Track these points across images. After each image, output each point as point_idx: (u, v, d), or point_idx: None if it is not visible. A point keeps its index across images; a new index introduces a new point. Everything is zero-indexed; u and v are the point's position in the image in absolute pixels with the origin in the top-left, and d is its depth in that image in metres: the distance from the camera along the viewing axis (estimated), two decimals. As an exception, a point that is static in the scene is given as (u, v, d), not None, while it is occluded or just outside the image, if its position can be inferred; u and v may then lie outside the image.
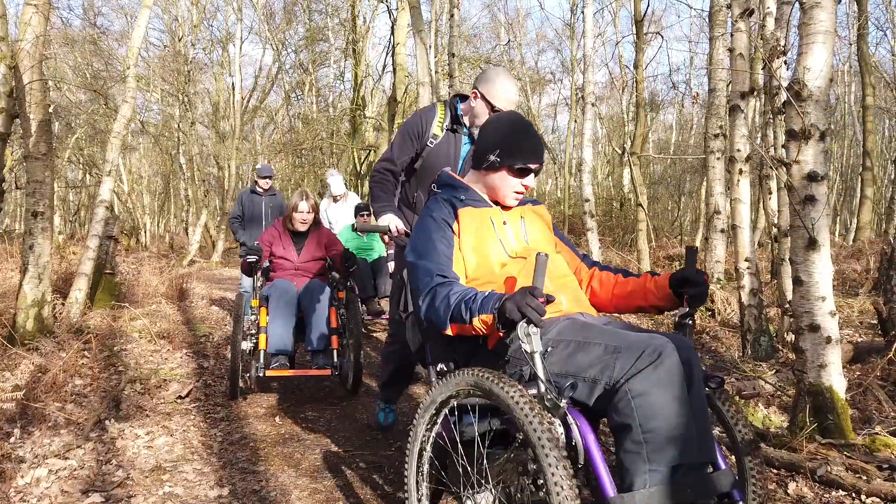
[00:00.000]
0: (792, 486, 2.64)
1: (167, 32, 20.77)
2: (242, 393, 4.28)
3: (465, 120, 3.17)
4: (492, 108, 2.98)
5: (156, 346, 5.49)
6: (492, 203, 2.23)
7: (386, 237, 6.07)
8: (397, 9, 15.16)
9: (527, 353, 1.68)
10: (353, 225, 6.97)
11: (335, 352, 4.27)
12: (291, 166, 22.59)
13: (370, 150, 17.69)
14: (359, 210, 6.93)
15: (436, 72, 13.62)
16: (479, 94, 3.03)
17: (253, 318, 4.39)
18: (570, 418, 1.66)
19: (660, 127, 26.61)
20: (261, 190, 7.14)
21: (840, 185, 20.98)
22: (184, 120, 19.05)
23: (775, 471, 2.81)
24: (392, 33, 15.98)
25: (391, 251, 6.39)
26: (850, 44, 17.32)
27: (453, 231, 2.11)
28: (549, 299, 1.74)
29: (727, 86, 6.28)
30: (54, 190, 5.50)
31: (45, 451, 3.09)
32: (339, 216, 7.46)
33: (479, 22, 32.29)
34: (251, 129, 24.43)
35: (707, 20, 7.38)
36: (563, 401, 1.65)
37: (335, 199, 7.58)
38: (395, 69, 15.59)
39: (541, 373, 1.68)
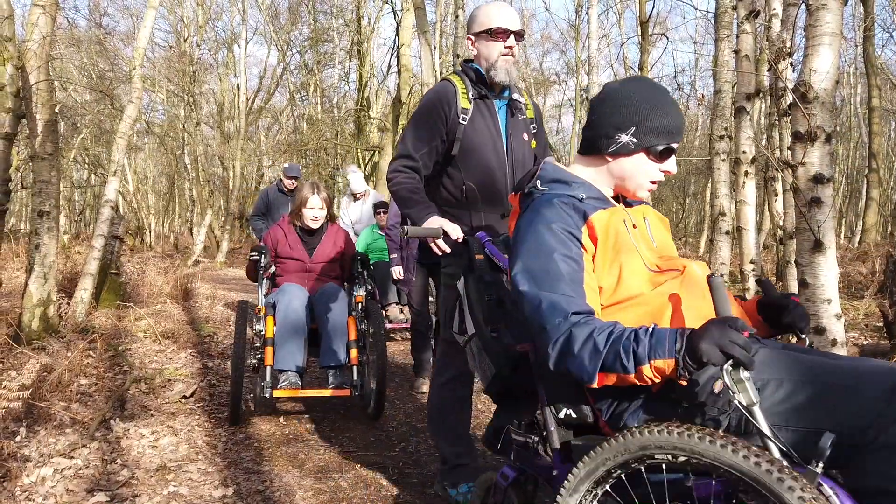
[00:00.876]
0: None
1: (173, 33, 20.89)
2: (247, 414, 3.81)
3: (491, 76, 2.62)
4: (495, 34, 2.55)
5: (160, 345, 5.50)
6: (613, 200, 1.76)
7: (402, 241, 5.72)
8: (402, 10, 15.16)
9: (741, 405, 1.27)
10: (374, 226, 6.58)
11: (354, 369, 3.73)
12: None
13: (374, 151, 17.70)
14: (377, 208, 6.49)
15: (440, 73, 13.63)
16: (472, 37, 2.62)
17: (258, 328, 3.78)
18: (825, 488, 1.22)
19: (664, 128, 26.53)
20: (286, 189, 6.77)
21: (846, 187, 20.93)
22: (189, 120, 19.10)
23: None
24: (397, 34, 15.99)
25: (394, 255, 5.96)
26: (857, 45, 17.29)
27: (583, 246, 1.61)
28: (752, 334, 1.36)
29: (732, 87, 6.28)
30: (60, 190, 5.52)
31: (50, 450, 3.10)
32: (360, 215, 7.04)
33: (483, 23, 32.30)
34: (256, 130, 24.47)
35: (712, 21, 7.37)
36: (819, 464, 1.20)
37: (356, 198, 7.10)
38: (399, 70, 15.60)
39: (767, 430, 1.27)
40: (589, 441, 1.53)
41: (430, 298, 4.51)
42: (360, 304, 3.99)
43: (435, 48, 13.37)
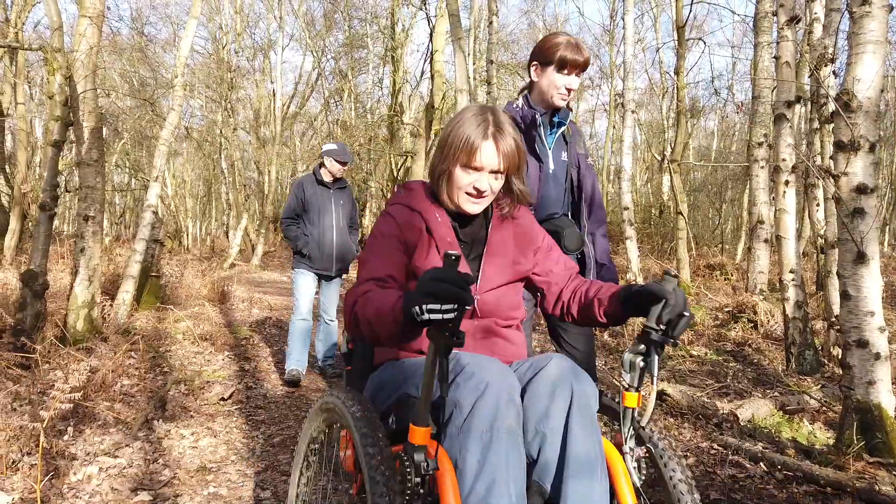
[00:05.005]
0: (838, 506, 2.58)
1: (211, 40, 21.28)
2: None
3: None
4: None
5: (199, 347, 5.62)
6: None
7: None
8: (436, 16, 15.26)
9: None
10: None
11: None
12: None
13: (407, 156, 17.81)
14: None
15: (473, 78, 13.66)
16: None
17: None
18: None
19: (700, 133, 26.22)
20: (331, 178, 5.08)
21: (889, 193, 20.37)
22: (226, 126, 19.46)
23: (820, 489, 2.76)
24: (430, 40, 16.08)
25: None
26: (901, 49, 16.82)
27: None
28: None
29: (772, 92, 6.18)
30: (105, 195, 5.68)
31: (95, 448, 3.19)
32: None
33: (517, 28, 32.26)
34: (291, 135, 24.81)
35: (751, 26, 7.27)
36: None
37: None
38: (433, 76, 15.69)
39: None
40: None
41: None
42: None
43: (469, 54, 13.41)
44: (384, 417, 1.76)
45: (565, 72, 2.43)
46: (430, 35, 15.91)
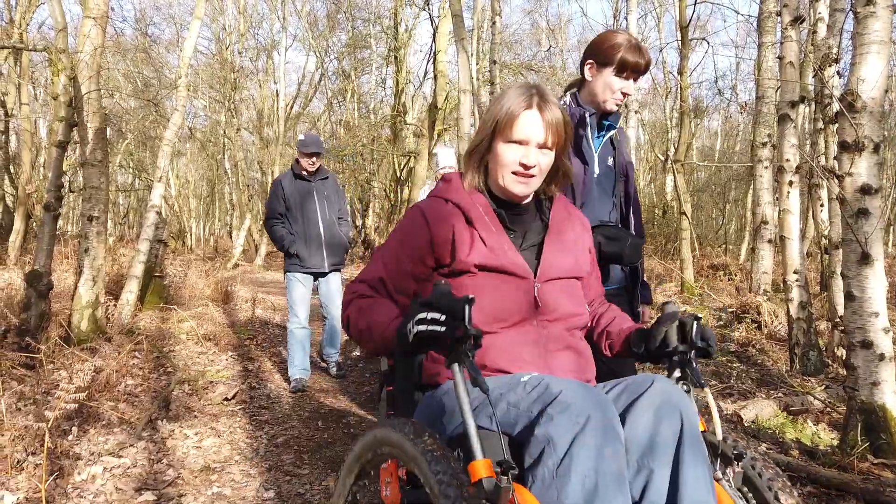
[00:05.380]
0: (842, 507, 2.58)
1: (215, 41, 21.33)
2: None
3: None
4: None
5: (202, 347, 5.63)
6: None
7: None
8: (439, 16, 15.27)
9: None
10: None
11: None
12: (332, 172, 22.90)
13: (410, 157, 17.82)
14: None
15: (477, 79, 13.67)
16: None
17: None
18: None
19: (704, 133, 26.19)
20: (306, 172, 4.85)
21: (894, 194, 20.31)
22: (230, 126, 19.50)
23: (824, 490, 2.75)
24: (433, 40, 16.09)
25: None
26: (905, 48, 16.77)
27: None
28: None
29: (776, 92, 6.16)
30: (109, 195, 5.69)
31: (99, 448, 3.20)
32: None
33: (520, 28, 32.24)
34: (294, 136, 24.86)
35: (755, 26, 7.26)
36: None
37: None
38: (436, 76, 15.70)
39: None
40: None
41: None
42: None
43: (472, 55, 13.41)
44: None
45: (624, 75, 2.24)
46: (434, 35, 15.92)
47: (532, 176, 1.60)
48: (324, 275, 4.86)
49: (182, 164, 24.79)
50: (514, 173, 1.60)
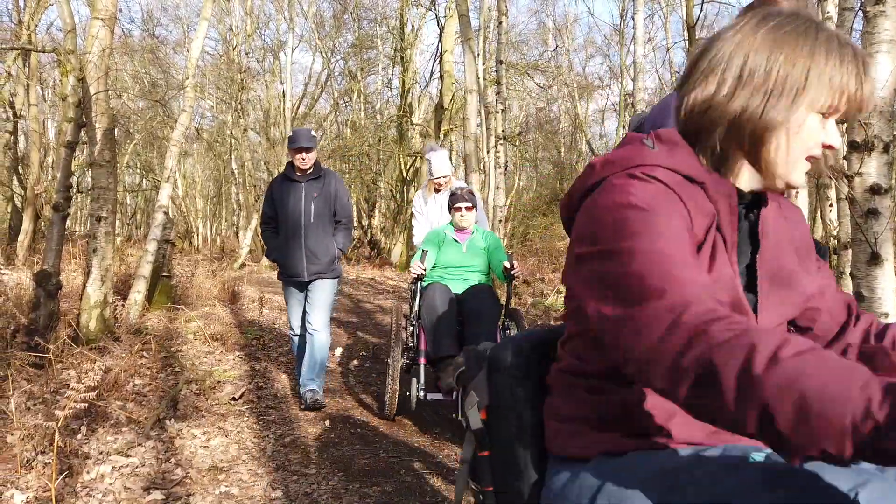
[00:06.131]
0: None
1: (222, 42, 21.40)
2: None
3: None
4: None
5: (210, 347, 5.65)
6: None
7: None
8: (445, 17, 15.28)
9: None
10: (448, 225, 4.34)
11: None
12: (339, 172, 22.94)
13: (416, 157, 17.84)
14: (454, 201, 4.20)
15: (483, 79, 13.67)
16: None
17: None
18: None
19: (711, 133, 26.04)
20: (298, 171, 4.35)
21: (902, 193, 20.21)
22: (236, 127, 19.55)
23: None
24: (440, 41, 16.11)
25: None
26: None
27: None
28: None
29: (784, 93, 6.13)
30: (117, 196, 5.72)
31: (108, 448, 3.22)
32: (443, 211, 4.80)
33: (526, 28, 32.25)
34: (300, 136, 24.90)
35: (763, 26, 7.23)
36: None
37: (437, 189, 4.95)
38: (442, 76, 15.72)
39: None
40: None
41: None
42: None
43: (478, 55, 13.41)
44: None
45: None
46: (440, 36, 15.93)
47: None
48: (304, 284, 4.37)
49: (189, 165, 24.88)
50: (808, 159, 1.02)
